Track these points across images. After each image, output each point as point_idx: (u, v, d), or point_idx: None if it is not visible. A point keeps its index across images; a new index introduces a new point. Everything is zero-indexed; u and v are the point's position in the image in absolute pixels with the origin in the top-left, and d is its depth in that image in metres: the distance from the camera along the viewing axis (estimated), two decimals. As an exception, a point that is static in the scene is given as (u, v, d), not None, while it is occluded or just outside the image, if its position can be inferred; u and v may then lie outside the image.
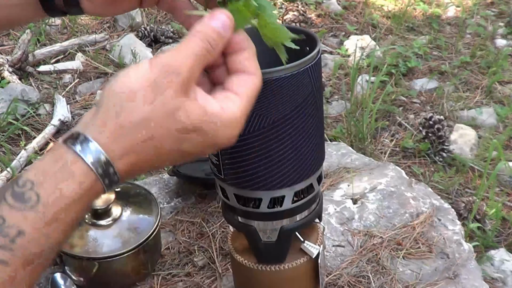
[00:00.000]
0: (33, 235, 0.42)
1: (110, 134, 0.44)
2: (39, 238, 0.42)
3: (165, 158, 0.47)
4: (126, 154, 0.45)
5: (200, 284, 0.88)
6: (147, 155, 0.46)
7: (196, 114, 0.45)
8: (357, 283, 0.87)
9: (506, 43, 2.37)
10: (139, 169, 0.47)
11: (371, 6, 2.63)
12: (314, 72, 0.59)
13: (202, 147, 0.48)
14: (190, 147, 0.47)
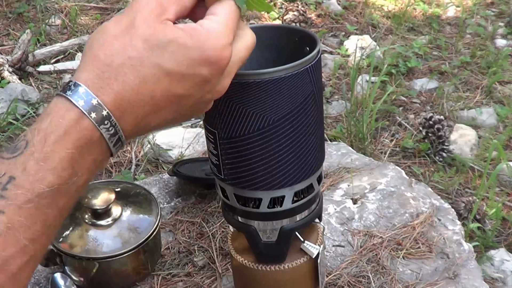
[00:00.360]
0: (24, 178, 0.40)
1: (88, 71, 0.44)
2: (31, 180, 0.41)
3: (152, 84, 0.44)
4: (107, 85, 0.43)
5: (200, 284, 0.88)
6: (129, 81, 0.44)
7: (170, 31, 0.44)
8: (357, 283, 0.87)
9: (506, 43, 2.37)
10: (128, 103, 0.44)
11: (371, 6, 2.63)
12: (314, 72, 0.59)
13: (188, 61, 0.44)
14: (174, 63, 0.44)
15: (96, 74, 0.43)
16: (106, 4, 2.55)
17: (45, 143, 0.41)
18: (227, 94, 0.57)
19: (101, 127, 0.43)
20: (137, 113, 0.45)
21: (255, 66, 0.65)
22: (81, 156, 0.43)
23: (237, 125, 0.58)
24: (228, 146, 0.60)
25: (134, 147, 1.61)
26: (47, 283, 0.89)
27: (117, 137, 0.45)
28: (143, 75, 0.44)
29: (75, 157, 0.42)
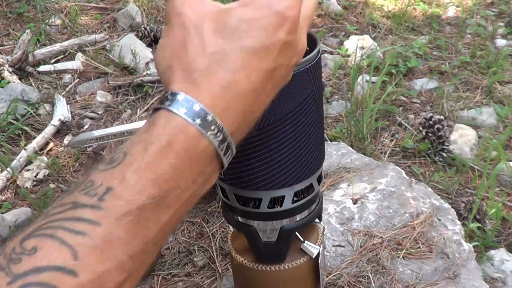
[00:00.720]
0: (122, 189, 0.37)
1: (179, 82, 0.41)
2: (130, 191, 0.37)
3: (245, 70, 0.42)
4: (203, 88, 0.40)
5: (200, 284, 0.88)
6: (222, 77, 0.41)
7: (234, 13, 0.43)
8: (357, 283, 0.87)
9: (506, 43, 2.37)
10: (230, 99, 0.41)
11: (371, 6, 2.63)
12: (314, 72, 0.59)
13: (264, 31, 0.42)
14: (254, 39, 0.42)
15: (189, 82, 0.41)
16: (106, 4, 2.55)
17: (145, 153, 0.38)
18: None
19: (208, 134, 0.40)
20: (242, 107, 0.42)
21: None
22: (186, 168, 0.39)
23: (237, 125, 0.58)
24: (228, 146, 0.60)
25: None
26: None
27: (226, 144, 0.41)
28: (233, 65, 0.41)
29: (178, 168, 0.39)
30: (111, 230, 0.36)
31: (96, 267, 0.34)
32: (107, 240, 0.35)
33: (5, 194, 1.49)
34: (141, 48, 2.15)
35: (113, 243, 0.36)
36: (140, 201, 0.37)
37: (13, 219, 1.31)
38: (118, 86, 1.97)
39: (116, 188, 0.37)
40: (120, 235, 0.36)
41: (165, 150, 0.38)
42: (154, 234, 0.38)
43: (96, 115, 1.86)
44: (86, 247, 0.34)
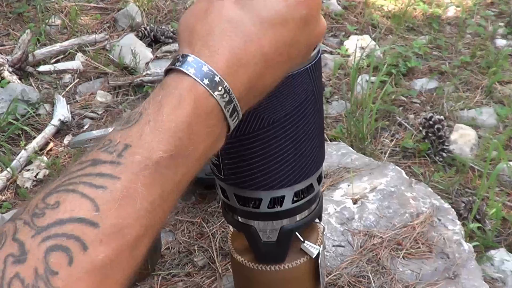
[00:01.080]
0: (140, 145, 0.39)
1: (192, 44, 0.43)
2: (148, 147, 0.39)
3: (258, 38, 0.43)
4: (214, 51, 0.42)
5: (200, 284, 0.88)
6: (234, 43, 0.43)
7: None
8: (357, 283, 0.87)
9: (506, 43, 2.37)
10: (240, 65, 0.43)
11: (371, 6, 2.63)
12: (314, 72, 0.59)
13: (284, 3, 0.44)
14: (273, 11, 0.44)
15: (201, 44, 0.43)
16: (106, 4, 2.55)
17: (159, 112, 0.40)
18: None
19: (215, 94, 0.41)
20: (250, 74, 0.44)
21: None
22: (197, 126, 0.41)
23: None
24: (228, 146, 0.60)
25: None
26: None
27: (232, 105, 0.43)
28: (247, 33, 0.43)
29: (191, 126, 0.41)
30: (129, 184, 0.37)
31: (116, 218, 0.36)
32: (126, 193, 0.37)
33: (5, 194, 1.49)
34: (141, 48, 2.16)
35: (131, 196, 0.37)
36: (158, 155, 0.38)
37: (13, 219, 1.30)
38: (118, 86, 1.97)
39: (133, 145, 0.38)
40: (138, 189, 0.37)
41: (177, 109, 0.40)
42: (170, 189, 0.40)
43: (96, 115, 1.86)
44: (107, 200, 0.36)
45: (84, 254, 0.33)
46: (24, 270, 0.32)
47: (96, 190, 0.36)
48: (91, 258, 0.34)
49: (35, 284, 0.32)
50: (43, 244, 0.33)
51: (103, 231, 0.35)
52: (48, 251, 0.33)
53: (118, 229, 0.36)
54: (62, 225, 0.34)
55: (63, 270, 0.32)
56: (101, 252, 0.34)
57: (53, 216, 0.34)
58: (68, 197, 0.35)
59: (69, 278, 0.32)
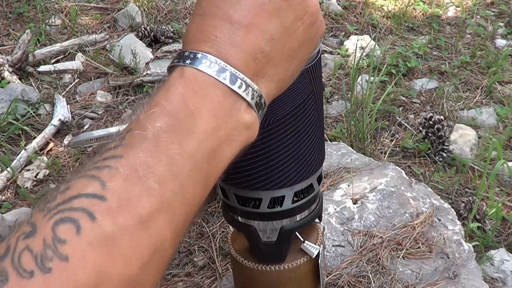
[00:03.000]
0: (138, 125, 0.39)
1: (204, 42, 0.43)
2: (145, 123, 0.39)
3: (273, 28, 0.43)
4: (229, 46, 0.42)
5: (200, 284, 0.88)
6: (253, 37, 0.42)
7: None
8: (357, 283, 0.87)
9: (506, 43, 2.37)
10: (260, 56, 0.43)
11: (371, 6, 2.63)
12: (314, 72, 0.59)
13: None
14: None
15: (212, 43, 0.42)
16: (106, 4, 2.55)
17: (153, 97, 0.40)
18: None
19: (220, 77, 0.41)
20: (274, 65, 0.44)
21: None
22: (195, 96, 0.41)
23: (237, 125, 0.58)
24: (228, 146, 0.60)
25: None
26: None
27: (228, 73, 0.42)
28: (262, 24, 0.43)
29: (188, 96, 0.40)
30: (133, 158, 0.37)
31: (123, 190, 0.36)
32: (131, 167, 0.37)
33: (5, 194, 1.49)
34: (141, 48, 2.16)
35: (136, 169, 0.37)
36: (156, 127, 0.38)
37: (13, 219, 1.31)
38: (118, 86, 1.97)
39: (133, 128, 0.39)
40: (142, 159, 0.37)
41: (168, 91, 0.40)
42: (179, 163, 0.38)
43: (96, 115, 1.86)
44: (112, 176, 0.36)
45: (92, 224, 0.34)
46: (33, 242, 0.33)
47: (102, 170, 0.36)
48: (99, 228, 0.34)
49: (43, 253, 0.32)
50: (51, 220, 0.34)
51: (111, 203, 0.35)
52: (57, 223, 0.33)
53: (126, 200, 0.35)
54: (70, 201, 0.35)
55: (71, 238, 0.33)
56: (110, 222, 0.34)
57: (63, 196, 0.35)
58: (77, 181, 0.36)
59: (77, 246, 0.33)
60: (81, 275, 0.32)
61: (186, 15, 2.47)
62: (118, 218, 0.35)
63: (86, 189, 0.35)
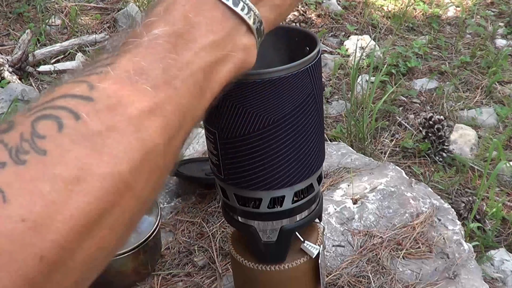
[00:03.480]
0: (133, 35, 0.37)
1: None
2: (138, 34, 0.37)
3: None
4: None
5: (200, 284, 0.88)
6: None
7: None
8: (357, 283, 0.87)
9: (506, 43, 2.37)
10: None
11: (371, 6, 2.63)
12: (314, 72, 0.59)
13: None
14: None
15: None
16: (106, 4, 2.55)
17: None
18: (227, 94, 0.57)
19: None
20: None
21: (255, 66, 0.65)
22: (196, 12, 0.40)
23: (237, 125, 0.58)
24: (228, 146, 0.60)
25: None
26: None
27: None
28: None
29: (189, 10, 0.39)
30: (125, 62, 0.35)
31: (113, 92, 0.33)
32: (123, 70, 0.35)
33: (5, 194, 1.49)
34: (141, 48, 2.16)
35: (129, 72, 0.35)
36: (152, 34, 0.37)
37: (13, 219, 1.31)
38: (118, 86, 1.97)
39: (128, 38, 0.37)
40: (135, 63, 0.35)
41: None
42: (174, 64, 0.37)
43: (96, 115, 1.86)
44: (102, 79, 0.34)
45: (76, 122, 0.31)
46: (8, 136, 0.30)
47: (91, 76, 0.34)
48: (84, 126, 0.31)
49: (19, 146, 0.29)
50: (31, 116, 0.31)
51: (99, 103, 0.32)
52: (37, 119, 0.31)
53: (115, 101, 0.33)
54: (53, 101, 0.32)
55: (52, 134, 0.30)
56: (97, 121, 0.31)
57: (46, 98, 0.32)
58: (63, 86, 0.33)
59: (58, 141, 0.30)
60: (60, 169, 0.29)
61: (186, 15, 2.47)
62: (106, 118, 0.32)
63: (72, 91, 0.32)
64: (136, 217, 0.35)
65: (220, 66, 0.41)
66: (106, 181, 0.31)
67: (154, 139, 0.34)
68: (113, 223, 0.32)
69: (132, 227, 0.35)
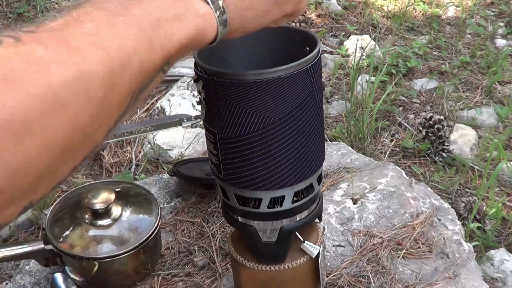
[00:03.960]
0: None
1: None
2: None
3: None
4: None
5: (200, 284, 0.88)
6: None
7: None
8: (357, 283, 0.87)
9: (506, 43, 2.37)
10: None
11: (371, 6, 2.63)
12: (314, 72, 0.59)
13: None
14: None
15: None
16: (106, 4, 2.54)
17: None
18: (227, 94, 0.57)
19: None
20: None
21: (255, 66, 0.65)
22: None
23: (237, 125, 0.58)
24: (228, 146, 0.60)
25: (134, 147, 1.61)
26: (47, 283, 0.89)
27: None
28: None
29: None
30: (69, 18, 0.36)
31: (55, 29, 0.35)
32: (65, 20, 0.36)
33: (5, 194, 1.49)
34: (141, 48, 2.15)
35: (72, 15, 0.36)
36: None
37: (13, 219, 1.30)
38: (118, 86, 1.96)
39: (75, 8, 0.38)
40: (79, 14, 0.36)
41: None
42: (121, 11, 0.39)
43: (96, 115, 1.86)
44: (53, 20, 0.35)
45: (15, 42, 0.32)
46: None
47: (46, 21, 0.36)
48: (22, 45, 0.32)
49: None
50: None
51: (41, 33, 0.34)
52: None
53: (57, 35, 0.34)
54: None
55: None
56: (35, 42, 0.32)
57: None
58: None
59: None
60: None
61: (186, 15, 2.47)
62: (45, 41, 0.33)
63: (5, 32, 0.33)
64: (74, 146, 0.34)
65: (172, 23, 0.42)
66: (35, 86, 0.31)
67: (90, 65, 0.34)
68: (42, 134, 0.31)
69: (69, 154, 0.34)
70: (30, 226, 1.31)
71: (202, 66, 0.58)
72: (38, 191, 0.33)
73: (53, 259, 0.86)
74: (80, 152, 0.35)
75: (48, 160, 0.32)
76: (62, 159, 0.34)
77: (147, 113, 1.81)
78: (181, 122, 0.85)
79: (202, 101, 0.60)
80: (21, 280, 0.91)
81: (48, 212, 0.90)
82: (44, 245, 0.85)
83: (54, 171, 0.33)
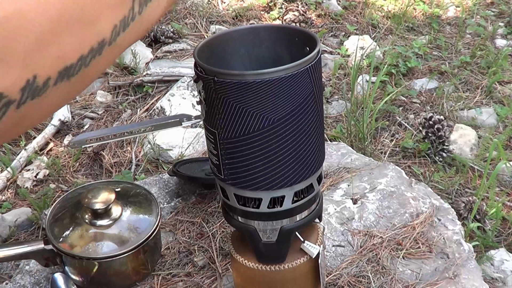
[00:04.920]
0: None
1: None
2: None
3: None
4: None
5: (200, 284, 0.88)
6: None
7: None
8: (357, 283, 0.87)
9: (506, 43, 2.37)
10: None
11: (371, 6, 2.63)
12: (314, 72, 0.59)
13: None
14: None
15: None
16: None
17: None
18: (227, 94, 0.57)
19: None
20: None
21: (255, 66, 0.65)
22: None
23: (237, 125, 0.58)
24: (228, 146, 0.61)
25: (134, 147, 1.61)
26: (47, 283, 0.89)
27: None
28: None
29: None
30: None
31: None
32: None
33: (5, 194, 1.49)
34: (141, 48, 2.16)
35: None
36: None
37: (13, 219, 1.31)
38: (118, 86, 1.97)
39: None
40: None
41: None
42: None
43: (96, 115, 1.86)
44: None
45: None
46: None
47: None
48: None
49: None
50: None
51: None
52: None
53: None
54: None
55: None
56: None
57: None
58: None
59: None
60: None
61: (186, 15, 2.47)
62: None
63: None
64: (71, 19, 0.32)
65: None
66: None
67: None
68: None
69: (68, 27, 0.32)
70: (30, 226, 1.32)
71: (202, 66, 0.58)
72: (39, 61, 0.31)
73: (53, 259, 0.86)
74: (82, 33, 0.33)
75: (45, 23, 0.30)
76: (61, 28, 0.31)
77: (147, 113, 1.81)
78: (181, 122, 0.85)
79: (202, 101, 0.60)
80: (21, 280, 0.91)
81: (48, 212, 0.90)
82: (44, 245, 0.85)
83: (55, 41, 0.31)
